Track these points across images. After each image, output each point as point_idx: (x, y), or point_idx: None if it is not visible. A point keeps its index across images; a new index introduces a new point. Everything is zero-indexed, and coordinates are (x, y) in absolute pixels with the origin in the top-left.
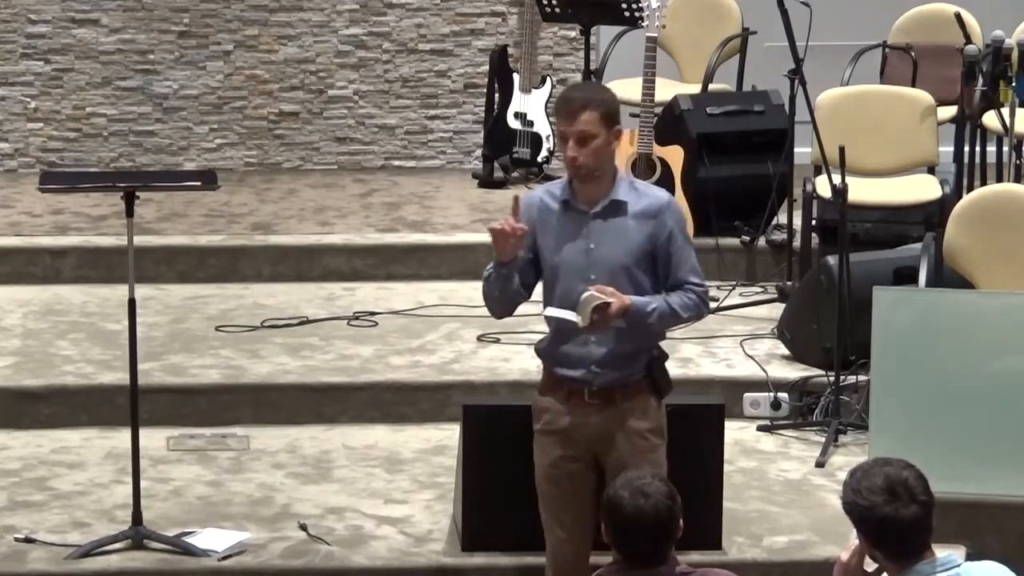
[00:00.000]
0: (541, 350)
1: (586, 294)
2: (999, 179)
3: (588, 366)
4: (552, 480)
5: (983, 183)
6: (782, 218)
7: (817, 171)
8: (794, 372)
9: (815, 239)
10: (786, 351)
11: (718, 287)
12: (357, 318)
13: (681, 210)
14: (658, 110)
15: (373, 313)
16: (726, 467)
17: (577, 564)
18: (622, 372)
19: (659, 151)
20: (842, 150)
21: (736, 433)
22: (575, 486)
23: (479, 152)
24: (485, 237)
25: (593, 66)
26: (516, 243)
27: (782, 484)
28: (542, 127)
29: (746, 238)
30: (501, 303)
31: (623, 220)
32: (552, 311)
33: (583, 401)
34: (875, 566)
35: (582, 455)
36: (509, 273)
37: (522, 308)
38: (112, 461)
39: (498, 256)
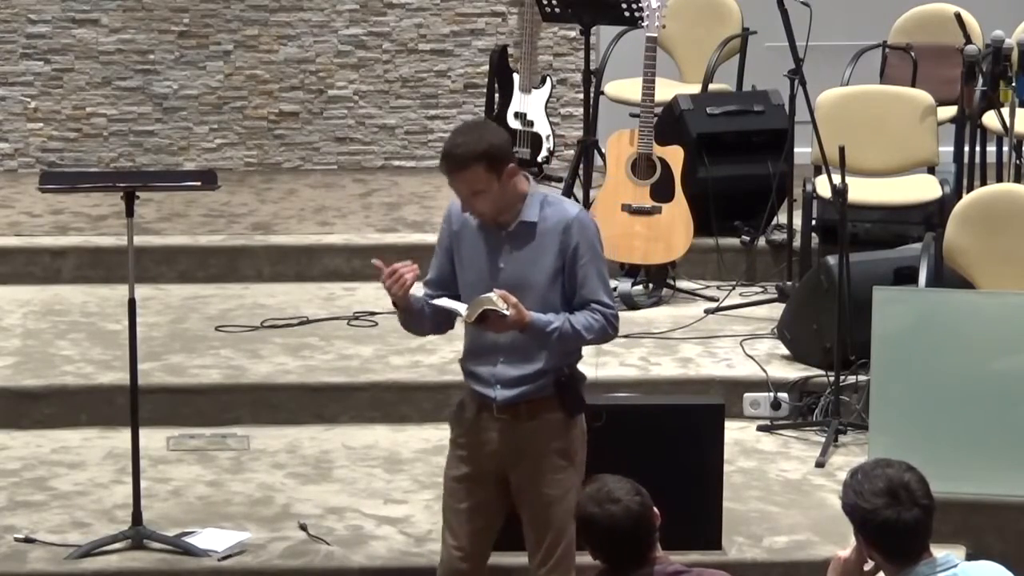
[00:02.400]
0: (461, 364)
1: (488, 295)
2: (999, 179)
3: (494, 384)
4: (454, 493)
5: (983, 183)
6: (782, 218)
7: (817, 171)
8: (794, 372)
9: (815, 239)
10: (786, 351)
11: (718, 287)
12: (357, 318)
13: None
14: (658, 110)
15: (373, 313)
16: (726, 467)
17: None
18: (528, 389)
19: (659, 151)
20: (842, 150)
21: (736, 433)
22: (477, 501)
23: None
24: None
25: (593, 66)
26: (405, 283)
27: (782, 484)
28: (542, 127)
29: (746, 238)
30: (432, 331)
31: (532, 241)
32: (442, 301)
33: (492, 417)
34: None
35: (488, 471)
36: (408, 316)
37: None
38: (112, 461)
39: (393, 301)
